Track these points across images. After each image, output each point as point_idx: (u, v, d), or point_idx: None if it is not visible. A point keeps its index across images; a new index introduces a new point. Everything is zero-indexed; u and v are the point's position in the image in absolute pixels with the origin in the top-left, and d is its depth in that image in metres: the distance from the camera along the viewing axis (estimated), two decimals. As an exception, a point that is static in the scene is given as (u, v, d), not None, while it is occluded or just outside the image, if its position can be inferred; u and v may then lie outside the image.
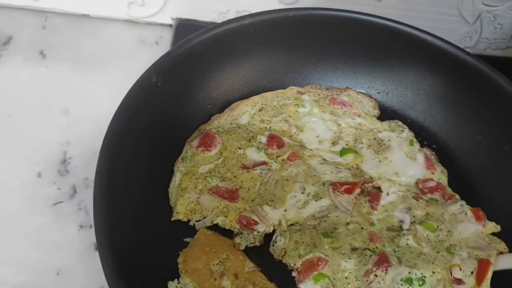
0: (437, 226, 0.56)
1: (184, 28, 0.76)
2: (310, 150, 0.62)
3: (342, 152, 0.62)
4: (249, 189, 0.58)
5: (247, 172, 0.59)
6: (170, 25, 0.79)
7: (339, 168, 0.61)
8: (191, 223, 0.56)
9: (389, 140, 0.64)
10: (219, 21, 0.78)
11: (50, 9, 0.77)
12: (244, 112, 0.63)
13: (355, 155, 0.62)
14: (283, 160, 0.60)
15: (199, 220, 0.56)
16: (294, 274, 0.54)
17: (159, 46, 0.77)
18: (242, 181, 0.58)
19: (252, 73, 0.64)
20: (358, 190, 0.59)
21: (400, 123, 0.66)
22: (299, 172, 0.59)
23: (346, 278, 0.52)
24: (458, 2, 0.73)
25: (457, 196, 0.60)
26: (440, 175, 0.62)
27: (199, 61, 0.58)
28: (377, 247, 0.54)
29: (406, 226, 0.56)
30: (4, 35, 0.74)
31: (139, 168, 0.53)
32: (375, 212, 0.57)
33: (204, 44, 0.57)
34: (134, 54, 0.76)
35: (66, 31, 0.76)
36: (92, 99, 0.71)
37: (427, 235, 0.55)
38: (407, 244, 0.54)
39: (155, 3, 0.76)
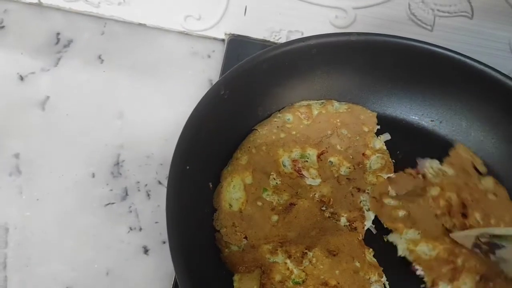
0: None
1: (235, 44, 0.78)
2: None
3: None
4: None
5: None
6: (223, 40, 0.81)
7: None
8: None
9: None
10: (271, 39, 0.80)
11: (109, 16, 0.79)
12: None
13: None
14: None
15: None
16: None
17: (211, 59, 0.79)
18: None
19: (309, 92, 0.65)
20: None
21: None
22: None
23: None
24: (510, 37, 0.74)
25: None
26: None
27: (263, 77, 0.59)
28: None
29: None
30: (65, 38, 0.77)
31: (203, 175, 0.55)
32: None
33: (269, 61, 0.58)
34: (186, 65, 0.78)
35: (124, 38, 0.79)
36: (145, 105, 0.72)
37: None
38: None
39: (211, 18, 0.78)
